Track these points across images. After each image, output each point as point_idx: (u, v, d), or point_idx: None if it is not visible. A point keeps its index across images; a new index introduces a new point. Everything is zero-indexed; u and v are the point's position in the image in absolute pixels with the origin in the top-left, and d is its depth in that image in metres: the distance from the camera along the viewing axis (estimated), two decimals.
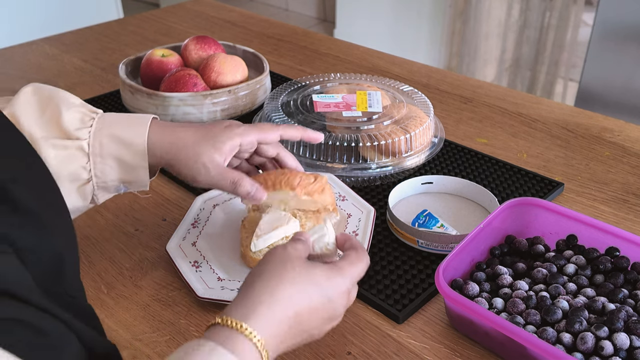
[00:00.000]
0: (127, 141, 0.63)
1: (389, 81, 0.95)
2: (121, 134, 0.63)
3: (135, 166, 0.63)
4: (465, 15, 2.83)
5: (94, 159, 0.62)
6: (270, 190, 0.65)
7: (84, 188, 0.63)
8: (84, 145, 0.62)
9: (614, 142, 0.96)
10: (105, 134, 0.63)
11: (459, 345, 0.60)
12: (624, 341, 0.53)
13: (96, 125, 0.63)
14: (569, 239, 0.67)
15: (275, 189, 0.65)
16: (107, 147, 0.63)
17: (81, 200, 0.63)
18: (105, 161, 0.63)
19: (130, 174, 0.64)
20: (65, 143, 0.62)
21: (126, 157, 0.63)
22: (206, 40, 1.05)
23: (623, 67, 2.00)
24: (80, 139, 0.62)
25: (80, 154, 0.62)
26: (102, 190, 0.64)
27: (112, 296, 0.66)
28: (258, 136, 0.66)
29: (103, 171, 0.63)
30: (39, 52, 1.35)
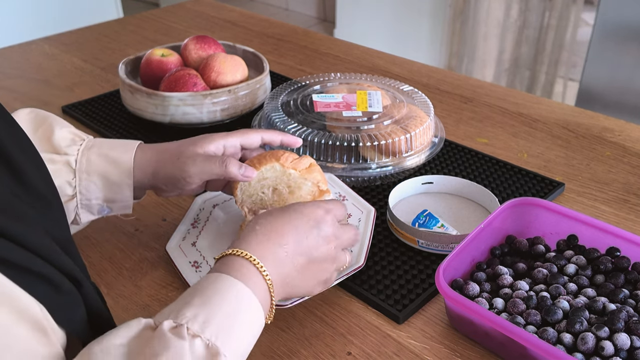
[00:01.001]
0: (114, 159, 0.65)
1: (389, 81, 0.95)
2: (109, 152, 0.65)
3: (119, 184, 0.65)
4: (464, 15, 2.83)
5: (79, 175, 0.64)
6: (258, 168, 0.66)
7: (67, 205, 0.64)
8: (71, 161, 0.64)
9: (614, 142, 0.96)
10: (93, 152, 0.65)
11: (459, 345, 0.60)
12: (624, 341, 0.53)
13: (86, 145, 0.65)
14: (570, 239, 0.67)
15: (262, 164, 0.66)
16: (94, 164, 0.64)
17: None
18: (91, 178, 0.64)
19: (114, 192, 0.65)
20: (53, 157, 0.63)
21: (112, 174, 0.65)
22: (206, 40, 1.05)
23: (624, 67, 2.00)
24: (69, 154, 0.64)
25: (66, 169, 0.64)
26: (85, 209, 0.65)
27: (112, 296, 0.66)
28: (240, 139, 0.68)
29: (88, 188, 0.64)
30: (39, 51, 1.35)
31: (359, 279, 0.67)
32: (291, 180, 0.67)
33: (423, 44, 3.05)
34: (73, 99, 1.11)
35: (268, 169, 0.67)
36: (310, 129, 0.81)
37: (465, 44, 2.88)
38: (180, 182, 0.65)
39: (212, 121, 0.95)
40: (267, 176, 0.67)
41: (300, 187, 0.67)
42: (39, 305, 0.38)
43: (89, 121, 1.02)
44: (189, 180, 0.65)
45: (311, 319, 0.63)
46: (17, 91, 1.15)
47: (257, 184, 0.67)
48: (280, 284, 0.53)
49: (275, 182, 0.67)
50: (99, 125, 1.00)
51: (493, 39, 2.80)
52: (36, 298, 0.38)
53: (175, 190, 0.67)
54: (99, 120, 1.02)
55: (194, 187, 0.67)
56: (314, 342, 0.60)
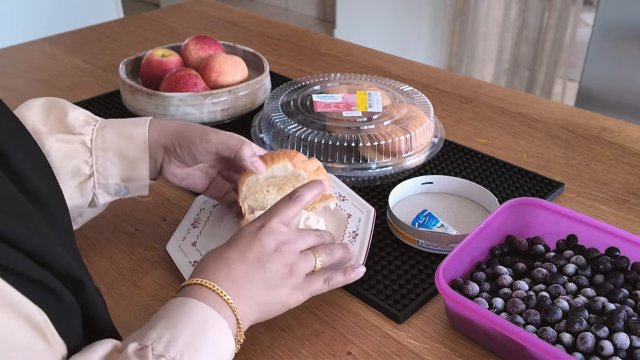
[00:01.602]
0: (129, 135, 0.65)
1: (389, 81, 0.95)
2: (123, 129, 0.65)
3: (136, 160, 0.65)
4: (464, 15, 2.83)
5: (96, 153, 0.64)
6: (269, 165, 0.66)
7: (85, 184, 0.64)
8: (87, 140, 0.64)
9: (614, 142, 0.96)
10: (108, 130, 0.65)
11: (459, 345, 0.60)
12: (624, 341, 0.53)
13: (99, 124, 0.66)
14: (569, 239, 0.67)
15: (274, 162, 0.66)
16: (109, 142, 0.64)
17: (81, 198, 0.64)
18: (107, 155, 0.64)
19: (131, 170, 0.65)
20: (68, 137, 0.64)
21: (127, 150, 0.65)
22: (206, 40, 1.05)
23: (623, 67, 2.00)
24: (84, 134, 0.64)
25: (82, 149, 0.64)
26: (102, 189, 0.65)
27: (112, 296, 0.66)
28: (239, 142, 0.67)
29: (104, 166, 0.64)
30: (39, 52, 1.35)
31: (359, 278, 0.67)
32: (299, 181, 0.67)
33: (423, 44, 3.05)
34: (73, 99, 1.11)
35: (280, 167, 0.66)
36: (310, 129, 0.81)
37: (465, 44, 2.88)
38: (196, 146, 0.65)
39: (213, 121, 0.95)
40: (277, 174, 0.67)
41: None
42: (39, 311, 0.38)
43: None
44: (206, 146, 0.65)
45: (311, 318, 0.63)
46: (17, 91, 1.15)
47: (265, 182, 0.67)
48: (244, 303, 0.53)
49: (283, 181, 0.67)
50: None
51: (492, 39, 2.80)
52: (38, 305, 0.38)
53: (185, 158, 0.66)
54: None
55: (206, 159, 0.67)
56: (314, 341, 0.61)
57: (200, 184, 0.70)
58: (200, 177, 0.70)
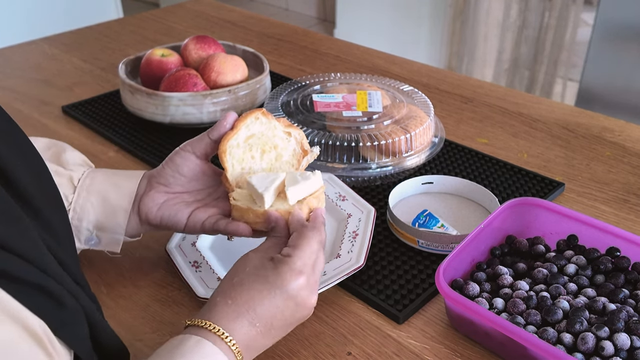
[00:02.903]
0: (117, 182, 0.64)
1: (389, 81, 0.95)
2: (114, 177, 0.64)
3: (116, 208, 0.62)
4: (464, 15, 2.83)
5: (79, 191, 0.63)
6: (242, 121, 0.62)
7: None
8: (75, 178, 0.64)
9: (614, 142, 0.96)
10: (98, 175, 0.65)
11: (460, 345, 0.60)
12: (624, 341, 0.53)
13: (92, 169, 0.66)
14: (570, 239, 0.67)
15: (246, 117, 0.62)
16: (96, 185, 0.63)
17: None
18: (89, 197, 0.63)
19: (108, 217, 0.63)
20: (58, 170, 0.63)
21: (111, 196, 0.63)
22: (206, 40, 1.05)
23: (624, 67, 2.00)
24: (74, 171, 0.64)
25: (67, 184, 0.63)
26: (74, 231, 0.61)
27: (112, 297, 0.66)
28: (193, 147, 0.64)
29: (83, 207, 0.62)
30: (39, 52, 1.35)
31: (359, 279, 0.67)
32: (277, 137, 0.64)
33: (423, 44, 3.05)
34: (73, 99, 1.11)
35: (252, 120, 0.62)
36: (310, 129, 0.81)
37: (465, 44, 2.88)
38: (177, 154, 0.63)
39: (212, 121, 0.95)
40: (254, 132, 0.63)
41: (286, 147, 0.64)
42: (38, 321, 0.37)
43: (88, 121, 1.02)
44: (183, 147, 0.62)
45: (311, 319, 0.63)
46: (17, 91, 1.15)
47: (245, 144, 0.63)
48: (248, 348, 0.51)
49: (262, 140, 0.63)
50: (99, 125, 1.00)
51: (493, 39, 2.80)
52: (36, 313, 0.37)
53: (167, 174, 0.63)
54: (98, 120, 1.02)
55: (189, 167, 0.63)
56: (314, 342, 0.60)
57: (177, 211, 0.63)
58: (178, 205, 0.63)
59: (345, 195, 0.77)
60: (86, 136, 0.99)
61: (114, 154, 0.94)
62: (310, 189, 0.61)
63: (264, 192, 0.59)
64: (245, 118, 0.62)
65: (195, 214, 0.63)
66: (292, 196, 0.59)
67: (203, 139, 0.62)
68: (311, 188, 0.61)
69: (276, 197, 0.60)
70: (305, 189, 0.60)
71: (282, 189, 0.61)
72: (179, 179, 0.63)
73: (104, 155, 0.93)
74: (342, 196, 0.77)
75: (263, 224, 0.59)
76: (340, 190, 0.78)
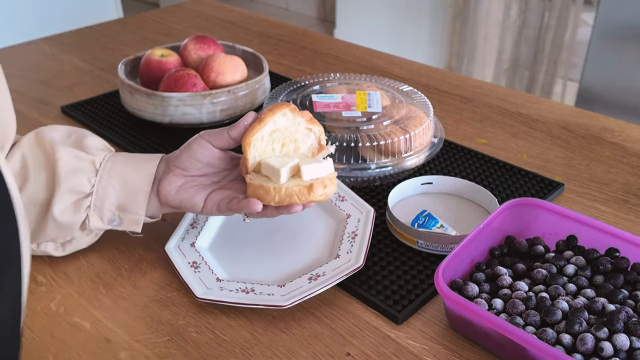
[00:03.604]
0: (136, 165, 0.66)
1: (388, 81, 0.95)
2: (133, 160, 0.67)
3: (136, 190, 0.66)
4: (464, 15, 2.83)
5: (101, 174, 0.65)
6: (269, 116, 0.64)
7: (81, 203, 0.65)
8: (97, 161, 0.66)
9: (614, 143, 0.96)
10: (119, 159, 0.67)
11: (459, 346, 0.60)
12: (623, 342, 0.53)
13: (113, 153, 0.68)
14: (569, 240, 0.67)
15: (275, 112, 0.64)
16: (117, 168, 0.66)
17: (74, 215, 0.65)
18: (111, 180, 0.65)
19: (129, 198, 0.66)
20: (80, 154, 0.66)
21: (131, 178, 0.66)
22: (205, 40, 1.05)
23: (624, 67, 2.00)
24: (96, 156, 0.66)
25: (90, 168, 0.65)
26: (96, 212, 0.65)
27: (111, 297, 0.66)
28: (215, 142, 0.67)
29: (105, 189, 0.65)
30: (39, 52, 1.35)
31: (358, 279, 0.67)
32: (299, 132, 0.66)
33: (423, 44, 3.05)
34: (72, 99, 1.11)
35: (280, 116, 0.64)
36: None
37: (465, 44, 2.88)
38: (194, 141, 0.66)
39: (212, 121, 0.95)
40: (279, 126, 0.65)
41: (305, 141, 0.67)
42: None
43: (88, 121, 1.02)
44: (200, 136, 0.66)
45: (310, 319, 0.63)
46: (17, 91, 1.15)
47: (269, 138, 0.65)
48: None
49: (285, 134, 0.65)
50: (99, 125, 1.00)
51: (493, 39, 2.80)
52: None
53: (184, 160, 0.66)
54: (98, 120, 1.02)
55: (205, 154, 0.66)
56: (313, 342, 0.60)
57: (195, 194, 0.66)
58: (195, 188, 0.66)
59: (345, 196, 0.77)
60: None
61: None
62: (323, 172, 0.63)
63: (281, 167, 0.62)
64: (274, 113, 0.64)
65: (212, 197, 0.66)
66: (306, 173, 0.62)
67: (223, 135, 0.65)
68: (325, 171, 0.64)
69: (291, 178, 0.63)
70: (319, 170, 0.63)
71: (297, 171, 0.63)
72: (194, 163, 0.66)
73: None
74: (342, 196, 0.77)
75: (273, 200, 0.62)
76: (339, 191, 0.78)
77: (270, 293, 0.63)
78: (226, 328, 0.62)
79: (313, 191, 0.62)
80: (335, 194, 0.77)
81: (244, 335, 0.61)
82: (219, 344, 0.60)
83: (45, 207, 0.64)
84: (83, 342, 0.61)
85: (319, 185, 0.62)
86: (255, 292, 0.64)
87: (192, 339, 0.61)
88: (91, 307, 0.65)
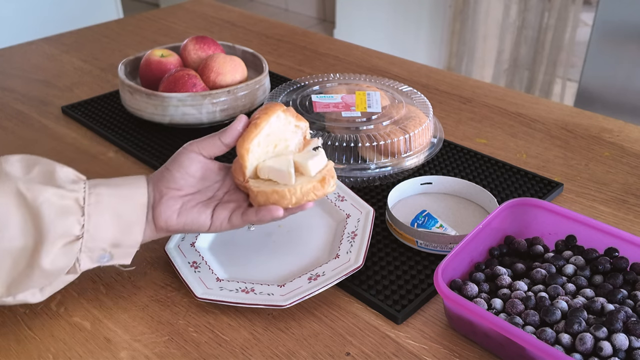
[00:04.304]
0: (126, 194, 0.60)
1: (388, 81, 0.95)
2: (119, 189, 0.60)
3: (131, 223, 0.60)
4: (463, 15, 2.83)
5: (88, 212, 0.58)
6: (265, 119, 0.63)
7: (72, 246, 0.58)
8: (80, 198, 0.59)
9: (613, 143, 0.96)
10: (102, 189, 0.60)
11: (458, 345, 0.60)
12: (622, 342, 0.53)
13: (90, 183, 0.60)
14: (568, 240, 0.67)
15: (269, 114, 0.63)
16: (105, 201, 0.59)
17: (64, 259, 0.58)
18: (101, 216, 0.59)
19: (124, 233, 0.60)
20: (62, 193, 0.58)
21: (124, 211, 0.60)
22: (205, 40, 1.05)
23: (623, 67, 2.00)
24: (76, 191, 0.59)
25: (75, 207, 0.58)
26: (87, 253, 0.59)
27: (111, 297, 0.66)
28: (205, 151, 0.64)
29: (97, 227, 0.59)
30: (39, 52, 1.35)
31: (358, 279, 0.67)
32: (288, 130, 0.65)
33: (422, 44, 3.05)
34: (73, 100, 1.11)
35: (274, 118, 0.63)
36: (309, 129, 0.81)
37: (465, 44, 2.88)
38: (182, 153, 0.62)
39: (212, 122, 0.95)
40: (273, 128, 0.64)
41: (293, 138, 0.66)
42: None
43: (88, 121, 1.02)
44: (189, 147, 0.62)
45: (310, 319, 0.63)
46: (17, 91, 1.15)
47: (265, 141, 0.64)
48: None
49: (278, 135, 0.65)
50: (99, 125, 1.00)
51: (492, 39, 2.81)
52: None
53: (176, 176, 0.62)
54: (98, 120, 1.02)
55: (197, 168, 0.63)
56: (313, 342, 0.60)
57: (200, 214, 0.63)
58: (197, 208, 0.63)
59: (344, 196, 0.77)
60: (86, 136, 0.99)
61: (114, 154, 0.94)
62: (322, 162, 0.64)
63: (290, 168, 0.62)
64: (269, 116, 0.63)
65: (217, 213, 0.63)
66: (312, 168, 0.63)
67: (214, 142, 0.63)
68: (323, 161, 0.65)
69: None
70: (320, 162, 0.64)
71: (295, 167, 0.63)
72: (189, 180, 0.63)
73: (104, 155, 0.94)
74: (341, 196, 0.77)
75: (290, 202, 0.61)
76: (339, 191, 0.78)
77: (270, 293, 0.63)
78: (226, 328, 0.62)
79: (326, 184, 0.62)
80: (335, 194, 0.77)
81: (244, 335, 0.61)
82: (219, 344, 0.60)
83: (28, 257, 0.57)
84: (83, 342, 0.61)
85: (329, 177, 0.63)
86: (255, 291, 0.64)
87: (192, 338, 0.61)
88: (91, 307, 0.65)
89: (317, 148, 0.66)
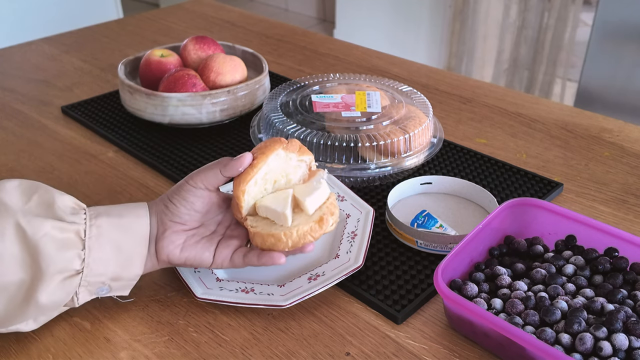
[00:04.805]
0: (127, 226, 0.59)
1: (388, 81, 0.95)
2: (120, 220, 0.59)
3: (131, 256, 0.59)
4: (463, 15, 2.83)
5: (89, 245, 0.57)
6: (264, 156, 0.61)
7: (71, 280, 0.57)
8: (80, 231, 0.57)
9: (613, 143, 0.96)
10: (103, 221, 0.59)
11: (458, 345, 0.60)
12: (622, 342, 0.53)
13: (90, 213, 0.59)
14: (568, 240, 0.67)
15: (268, 152, 0.61)
16: (106, 233, 0.58)
17: (62, 294, 0.57)
18: (102, 250, 0.58)
19: (125, 267, 0.59)
20: (62, 226, 0.56)
21: (124, 244, 0.59)
22: (205, 40, 1.05)
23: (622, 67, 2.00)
24: (77, 223, 0.57)
25: (76, 240, 0.57)
26: (85, 287, 0.58)
27: (111, 297, 0.66)
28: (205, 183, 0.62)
29: (97, 261, 0.57)
30: (39, 52, 1.35)
31: (358, 279, 0.67)
32: (290, 166, 0.64)
33: (422, 44, 3.05)
34: (72, 99, 1.11)
35: (273, 157, 0.62)
36: (309, 129, 0.81)
37: (465, 44, 2.88)
38: (184, 187, 0.61)
39: (212, 122, 0.95)
40: (272, 167, 0.63)
41: (296, 172, 0.65)
42: None
43: (88, 121, 1.02)
44: (191, 182, 0.61)
45: (310, 319, 0.63)
46: (17, 91, 1.15)
47: (263, 180, 0.63)
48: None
49: (277, 172, 0.63)
50: (98, 125, 1.00)
51: (492, 39, 2.81)
52: None
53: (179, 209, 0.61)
54: (98, 120, 1.02)
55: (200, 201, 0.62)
56: (313, 342, 0.60)
57: (203, 250, 0.62)
58: (201, 244, 0.63)
59: (344, 196, 0.77)
60: (85, 136, 0.99)
61: (113, 154, 0.94)
62: (323, 196, 0.62)
63: (285, 210, 0.60)
64: (267, 156, 0.61)
65: (220, 250, 0.63)
66: (310, 206, 0.61)
67: (216, 175, 0.61)
68: (324, 195, 0.62)
69: (293, 213, 0.61)
70: (320, 197, 0.62)
71: (295, 203, 0.62)
72: (194, 215, 0.62)
73: (103, 155, 0.94)
74: (341, 196, 0.77)
75: (286, 246, 0.60)
76: (339, 191, 0.78)
77: (270, 293, 0.63)
78: (226, 328, 0.62)
79: (324, 224, 0.60)
80: (335, 194, 0.77)
81: (243, 335, 0.61)
82: (219, 344, 0.60)
83: (25, 291, 0.55)
84: (83, 342, 0.61)
85: (328, 216, 0.60)
86: (255, 291, 0.64)
87: (192, 338, 0.61)
88: (91, 307, 0.65)
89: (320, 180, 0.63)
